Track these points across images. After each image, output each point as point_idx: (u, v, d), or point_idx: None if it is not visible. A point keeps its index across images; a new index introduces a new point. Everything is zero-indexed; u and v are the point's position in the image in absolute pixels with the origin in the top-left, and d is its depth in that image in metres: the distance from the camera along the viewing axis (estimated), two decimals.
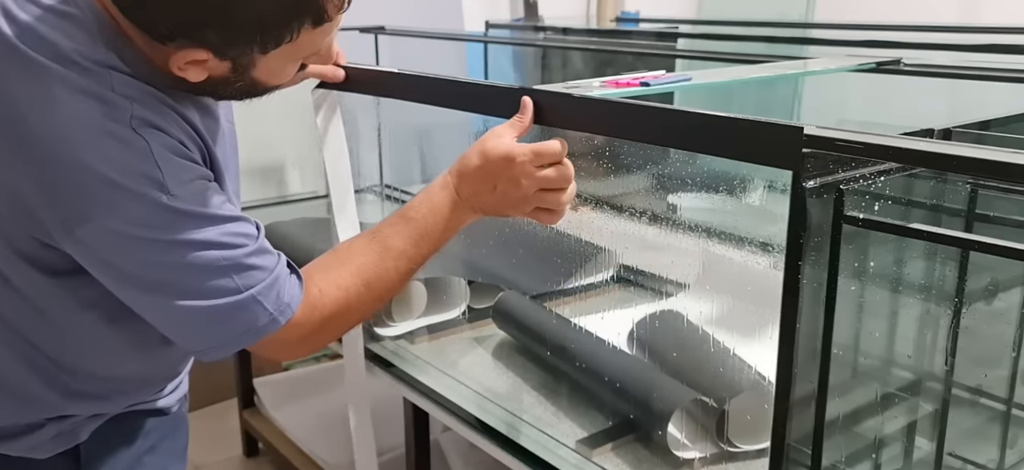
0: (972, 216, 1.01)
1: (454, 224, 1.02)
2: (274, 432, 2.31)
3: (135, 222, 0.83)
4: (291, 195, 2.61)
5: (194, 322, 0.88)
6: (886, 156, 0.81)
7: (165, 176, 0.84)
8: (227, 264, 0.87)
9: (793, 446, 0.90)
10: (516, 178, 0.98)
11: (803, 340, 0.86)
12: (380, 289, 0.99)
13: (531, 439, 1.29)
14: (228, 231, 0.88)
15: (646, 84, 1.13)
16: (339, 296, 0.96)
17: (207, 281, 0.86)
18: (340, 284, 0.97)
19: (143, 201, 0.83)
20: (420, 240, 1.00)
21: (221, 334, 0.89)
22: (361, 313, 1.01)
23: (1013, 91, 1.41)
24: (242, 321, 0.89)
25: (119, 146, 0.82)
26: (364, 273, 0.98)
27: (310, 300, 0.94)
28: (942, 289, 1.03)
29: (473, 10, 3.25)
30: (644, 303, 1.65)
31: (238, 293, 0.87)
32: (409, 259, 1.00)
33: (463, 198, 1.01)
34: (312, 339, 0.96)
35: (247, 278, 0.88)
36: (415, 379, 1.49)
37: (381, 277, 0.99)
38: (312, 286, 0.95)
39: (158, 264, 0.85)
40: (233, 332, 0.89)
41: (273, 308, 0.90)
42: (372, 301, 1.00)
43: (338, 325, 0.99)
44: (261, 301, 0.89)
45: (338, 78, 1.36)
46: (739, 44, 2.49)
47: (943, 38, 1.83)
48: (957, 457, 1.13)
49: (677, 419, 1.21)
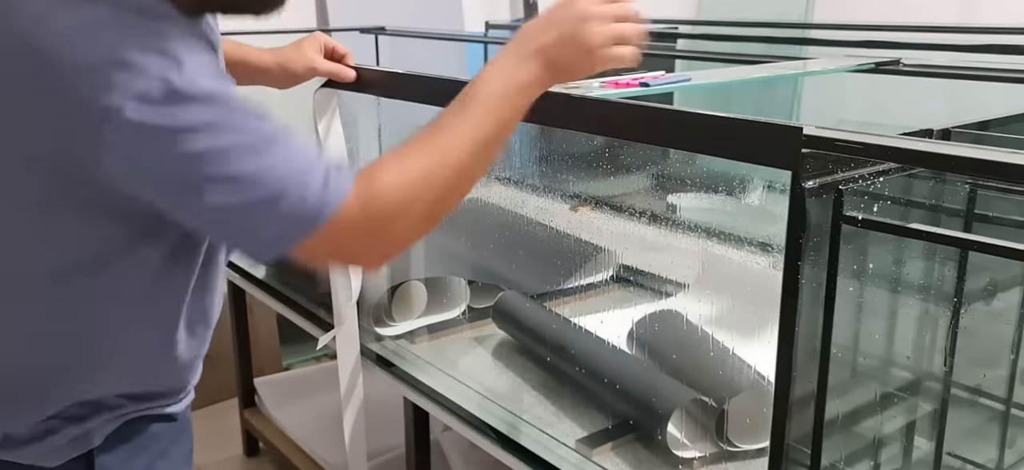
0: (971, 216, 1.02)
1: (522, 80, 0.91)
2: (275, 431, 2.31)
3: (152, 109, 0.76)
4: None
5: (235, 217, 0.80)
6: (885, 156, 0.81)
7: (183, 57, 0.78)
8: (261, 148, 0.79)
9: (792, 445, 0.90)
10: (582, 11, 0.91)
11: (802, 340, 0.86)
12: (455, 164, 0.88)
13: (531, 439, 1.30)
14: (255, 116, 0.81)
15: (645, 84, 1.14)
16: (401, 176, 0.85)
17: (241, 168, 0.78)
18: (402, 165, 0.86)
19: (160, 84, 0.76)
20: (486, 106, 0.89)
21: (269, 227, 0.81)
22: (435, 196, 0.88)
23: (1012, 91, 1.41)
24: (287, 207, 0.79)
25: (130, 33, 0.77)
26: (431, 152, 0.87)
27: (366, 182, 0.84)
28: (941, 289, 1.03)
29: (473, 10, 3.25)
30: (644, 303, 1.65)
31: (277, 177, 0.79)
32: (478, 127, 0.89)
33: (526, 53, 0.91)
34: (377, 229, 0.85)
35: (285, 162, 0.80)
36: (415, 379, 1.49)
37: (452, 150, 0.88)
38: (367, 170, 0.85)
39: (183, 155, 0.77)
40: (281, 223, 0.80)
41: (320, 188, 0.80)
42: (447, 180, 0.88)
43: (408, 212, 0.86)
44: (306, 182, 0.80)
45: (349, 78, 1.38)
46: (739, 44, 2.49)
47: (942, 38, 1.83)
48: (956, 457, 1.13)
49: (677, 419, 1.21)
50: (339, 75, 1.37)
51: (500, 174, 1.91)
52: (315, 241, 0.82)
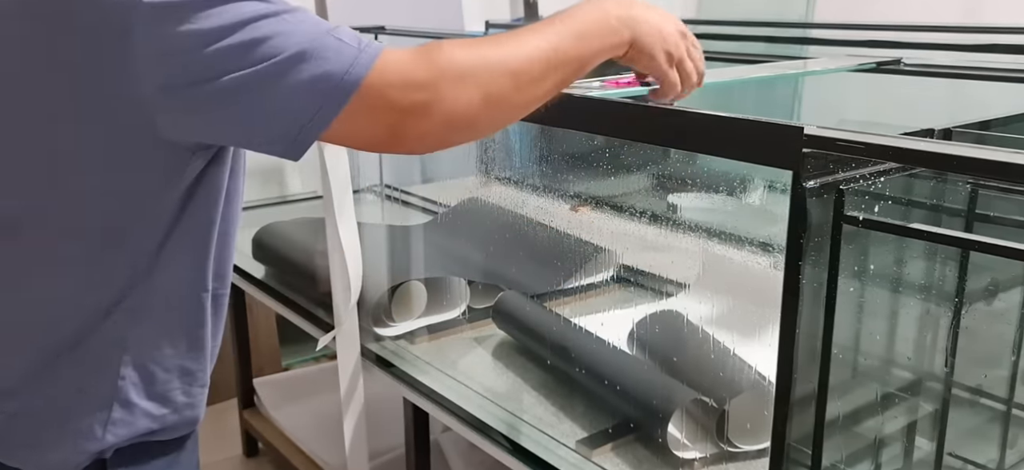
0: (972, 216, 1.01)
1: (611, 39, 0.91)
2: (274, 432, 2.30)
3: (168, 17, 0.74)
4: (291, 195, 2.61)
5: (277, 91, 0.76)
6: (886, 156, 0.81)
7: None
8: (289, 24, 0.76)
9: (793, 446, 0.90)
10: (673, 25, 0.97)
11: (803, 340, 0.86)
12: (524, 62, 0.84)
13: (531, 439, 1.29)
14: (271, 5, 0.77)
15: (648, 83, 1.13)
16: (464, 47, 0.81)
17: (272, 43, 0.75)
18: (467, 45, 0.82)
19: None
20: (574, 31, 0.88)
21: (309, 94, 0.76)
22: (496, 82, 0.82)
23: (1013, 91, 1.41)
24: (324, 63, 0.75)
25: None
26: (501, 45, 0.83)
27: (422, 51, 0.79)
28: (942, 289, 1.03)
29: (473, 10, 3.25)
30: (644, 303, 1.65)
31: (308, 41, 0.76)
32: (559, 42, 0.86)
33: (627, 15, 0.92)
34: (429, 91, 0.79)
35: (315, 29, 0.77)
36: (415, 379, 1.49)
37: (523, 51, 0.84)
38: (427, 45, 0.81)
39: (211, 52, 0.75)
40: (321, 82, 0.76)
41: (355, 43, 0.77)
42: (513, 74, 0.83)
43: (466, 86, 0.80)
44: (340, 37, 0.77)
45: None
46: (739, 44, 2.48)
47: (943, 38, 1.83)
48: (957, 457, 1.13)
49: (677, 419, 1.21)
50: None
51: (500, 174, 1.91)
52: (357, 105, 0.77)
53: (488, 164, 1.89)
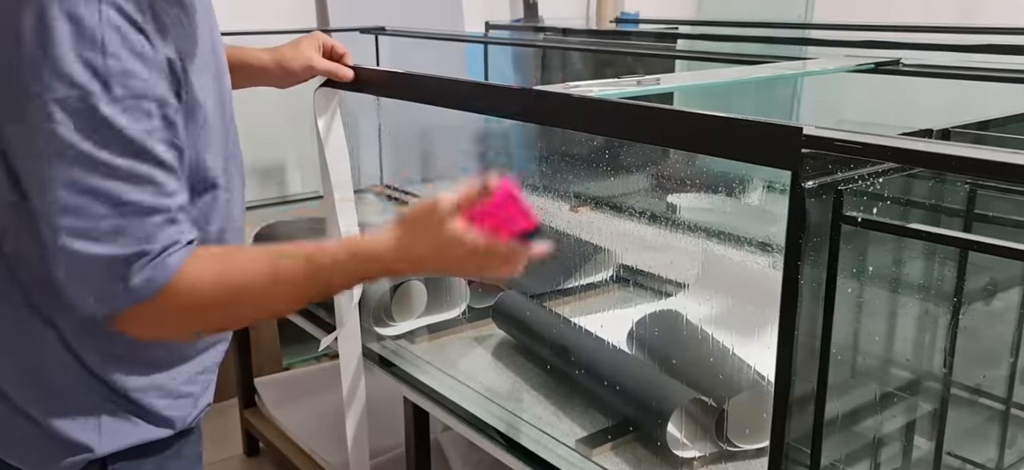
0: (971, 216, 1.02)
1: (361, 278, 0.99)
2: (275, 431, 2.31)
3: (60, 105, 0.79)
4: (291, 195, 2.62)
5: (62, 256, 0.82)
6: (885, 156, 0.81)
7: (110, 73, 0.79)
8: (118, 202, 0.81)
9: (792, 445, 0.90)
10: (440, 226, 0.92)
11: (802, 340, 0.86)
12: (248, 313, 0.99)
13: (531, 438, 1.30)
14: (135, 172, 0.82)
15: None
16: (205, 296, 0.88)
17: (94, 216, 0.81)
18: (213, 285, 0.88)
19: (80, 94, 0.79)
20: (311, 286, 0.92)
21: (84, 286, 0.84)
22: (219, 323, 0.98)
23: (1012, 91, 1.41)
24: (104, 284, 0.83)
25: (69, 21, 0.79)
26: (242, 289, 0.90)
27: (175, 288, 0.86)
28: (941, 289, 1.03)
29: (473, 11, 3.25)
30: (644, 303, 1.65)
31: (112, 243, 0.82)
32: (291, 301, 0.94)
33: (386, 260, 0.93)
34: (157, 328, 0.90)
35: (132, 234, 0.82)
36: (415, 378, 1.49)
37: (257, 303, 0.93)
38: (186, 274, 0.86)
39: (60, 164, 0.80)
40: (92, 291, 0.84)
41: (139, 283, 0.83)
42: (234, 319, 1.00)
43: (187, 323, 0.92)
44: (130, 265, 0.83)
45: (347, 77, 1.37)
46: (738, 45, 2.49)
47: (942, 39, 1.83)
48: (956, 456, 1.13)
49: (676, 418, 1.21)
50: (337, 74, 1.37)
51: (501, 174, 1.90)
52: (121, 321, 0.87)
53: (488, 164, 1.89)
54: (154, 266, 0.84)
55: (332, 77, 1.38)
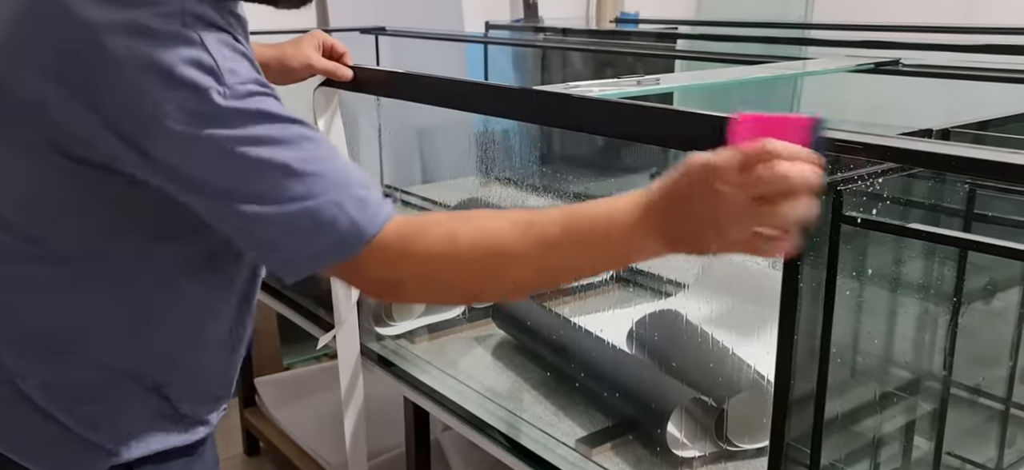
0: (970, 216, 1.02)
1: (631, 249, 0.79)
2: (275, 431, 2.31)
3: (193, 118, 0.77)
4: None
5: (268, 231, 0.80)
6: (885, 156, 0.82)
7: (222, 70, 0.78)
8: (298, 167, 0.79)
9: (792, 445, 0.90)
10: (716, 190, 0.70)
11: (802, 340, 0.86)
12: (505, 270, 0.81)
13: (531, 438, 1.30)
14: (295, 133, 0.80)
15: None
16: (447, 244, 0.80)
17: (277, 184, 0.78)
18: (456, 233, 0.80)
19: (199, 95, 0.77)
20: (578, 246, 0.79)
21: (300, 246, 0.80)
22: (471, 281, 0.83)
23: (1012, 91, 1.41)
24: (321, 231, 0.79)
25: (170, 42, 0.77)
26: (491, 241, 0.80)
27: (408, 228, 0.81)
28: (940, 289, 1.03)
29: (473, 11, 3.25)
30: (644, 303, 1.65)
31: (312, 198, 0.79)
32: (555, 259, 0.80)
33: (652, 221, 0.76)
34: (400, 276, 0.82)
35: (321, 181, 0.79)
36: (415, 378, 1.50)
37: (512, 257, 0.79)
38: (417, 218, 0.82)
39: (221, 165, 0.78)
40: (313, 245, 0.80)
41: (356, 216, 0.79)
42: (489, 275, 0.82)
43: (436, 276, 0.82)
44: (342, 207, 0.79)
45: (346, 77, 1.38)
46: (738, 45, 2.49)
47: (942, 39, 1.84)
48: (956, 456, 1.14)
49: (676, 418, 1.22)
50: (336, 73, 1.37)
51: (500, 174, 1.91)
52: (339, 270, 0.83)
53: (488, 164, 1.89)
54: (373, 201, 0.81)
55: (331, 76, 1.38)
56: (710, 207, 0.71)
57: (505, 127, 1.93)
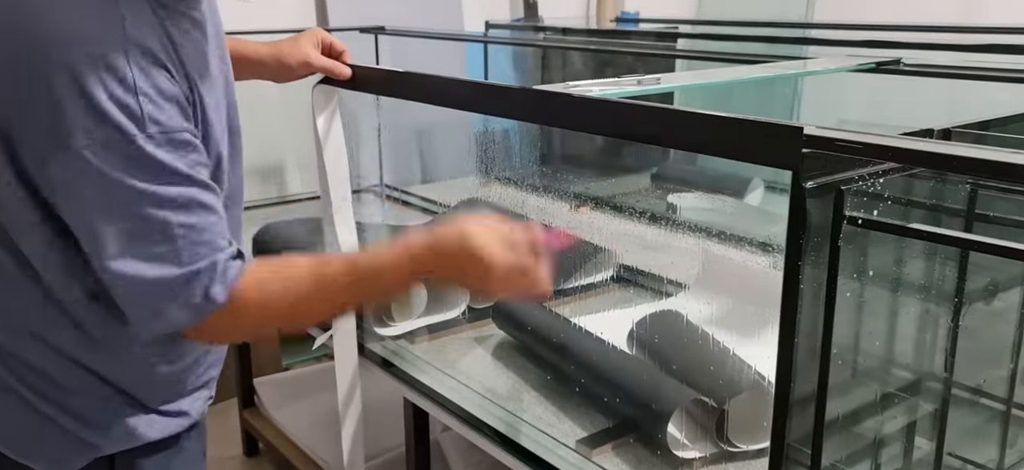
0: (972, 216, 1.02)
1: (398, 290, 1.10)
2: (274, 432, 2.31)
3: (102, 151, 0.82)
4: (291, 195, 2.61)
5: (125, 290, 0.87)
6: (886, 156, 0.81)
7: (145, 117, 0.83)
8: (177, 233, 0.86)
9: (793, 446, 0.90)
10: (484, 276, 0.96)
11: (803, 340, 0.86)
12: (301, 318, 1.04)
13: (531, 439, 1.29)
14: (189, 196, 0.86)
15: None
16: (262, 307, 0.93)
17: (149, 246, 0.85)
18: (269, 294, 0.94)
19: (117, 135, 0.82)
20: (357, 294, 1.00)
21: (149, 311, 0.88)
22: (274, 326, 1.14)
23: (1013, 91, 1.41)
24: (180, 298, 0.87)
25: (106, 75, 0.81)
26: (294, 297, 0.95)
27: (239, 299, 0.91)
28: (942, 289, 1.03)
29: (473, 10, 3.25)
30: (644, 303, 1.65)
31: (179, 266, 0.86)
32: (338, 306, 1.06)
33: (420, 270, 0.98)
34: (224, 335, 1.00)
35: (193, 251, 0.87)
36: (415, 379, 1.49)
37: (307, 309, 0.98)
38: (245, 284, 0.92)
39: (106, 208, 0.84)
40: (167, 309, 0.88)
41: (209, 289, 0.88)
42: (288, 322, 1.07)
43: (248, 330, 1.07)
44: (201, 279, 0.87)
45: (344, 75, 1.37)
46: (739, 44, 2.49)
47: (943, 38, 1.83)
48: (957, 457, 1.13)
49: (677, 419, 1.21)
50: (334, 71, 1.37)
51: (500, 174, 1.90)
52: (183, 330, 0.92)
53: (488, 164, 1.89)
54: (214, 281, 0.88)
55: (329, 74, 1.37)
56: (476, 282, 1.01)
57: (505, 127, 1.93)
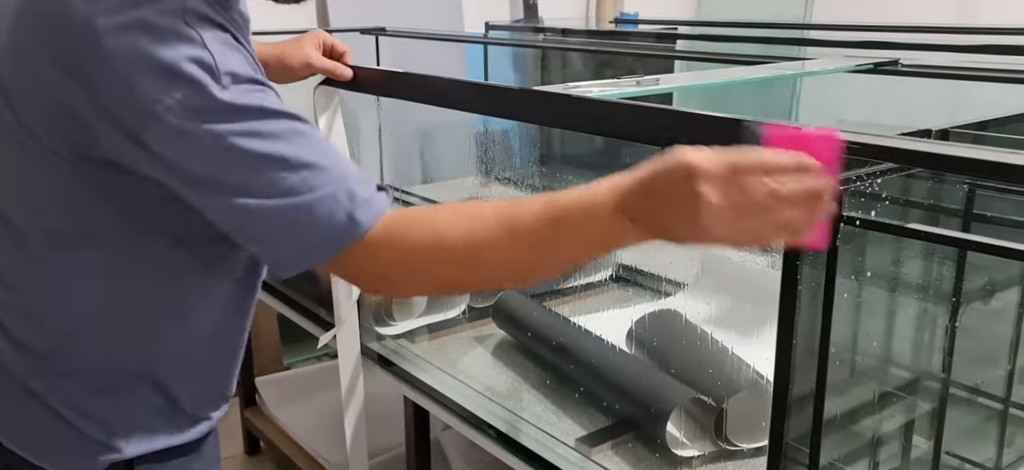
0: (969, 216, 1.02)
1: (609, 240, 0.77)
2: (275, 431, 2.31)
3: (191, 113, 0.78)
4: None
5: (262, 226, 0.81)
6: (884, 156, 0.82)
7: (219, 67, 0.79)
8: (294, 161, 0.80)
9: (791, 445, 0.90)
10: (696, 191, 0.68)
11: (801, 339, 0.86)
12: (487, 263, 0.82)
13: (531, 438, 1.30)
14: (291, 128, 0.81)
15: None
16: (433, 240, 0.82)
17: (273, 179, 0.79)
18: (442, 228, 0.82)
19: (198, 90, 0.78)
20: (556, 240, 0.79)
21: (295, 241, 0.82)
22: (456, 273, 0.85)
23: (1010, 91, 1.41)
24: (316, 226, 0.80)
25: (171, 39, 0.78)
26: (474, 237, 0.81)
27: (397, 225, 0.82)
28: (939, 289, 1.03)
29: (473, 11, 3.26)
30: (643, 303, 1.65)
31: (308, 192, 0.80)
32: (534, 255, 0.81)
33: (628, 213, 0.75)
34: (387, 270, 0.84)
35: (316, 176, 0.80)
36: (415, 378, 1.50)
37: (494, 251, 0.81)
38: (409, 212, 0.85)
39: (218, 159, 0.79)
40: (308, 239, 0.81)
41: (351, 211, 0.80)
42: (472, 269, 0.84)
43: (422, 270, 0.84)
44: (338, 201, 0.80)
45: (345, 76, 1.38)
46: (738, 45, 2.49)
47: (941, 39, 1.84)
48: (955, 456, 1.14)
49: (676, 418, 1.22)
50: (335, 72, 1.37)
51: (500, 174, 1.91)
52: (334, 264, 0.83)
53: (488, 164, 1.89)
54: (367, 195, 0.82)
55: (330, 75, 1.38)
56: (689, 207, 0.70)
57: (505, 127, 1.94)
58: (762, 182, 0.68)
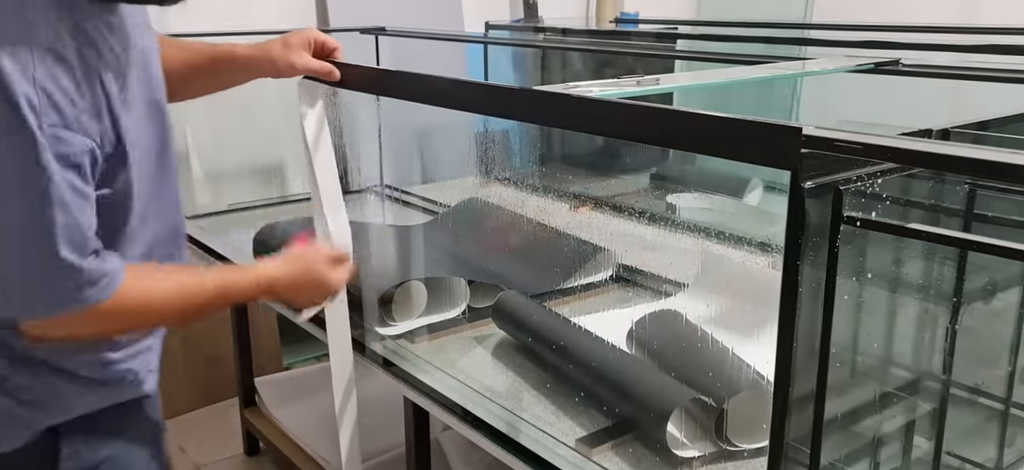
0: (970, 216, 1.02)
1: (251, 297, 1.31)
2: (275, 431, 2.31)
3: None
4: (291, 195, 2.61)
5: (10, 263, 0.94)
6: (885, 156, 0.82)
7: (40, 109, 0.89)
8: (64, 221, 0.92)
9: (792, 445, 0.90)
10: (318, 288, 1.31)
11: (802, 339, 0.86)
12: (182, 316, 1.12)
13: (531, 438, 1.30)
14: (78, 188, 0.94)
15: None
16: (144, 303, 1.05)
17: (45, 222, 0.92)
18: (153, 292, 1.06)
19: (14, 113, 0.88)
20: (211, 309, 1.14)
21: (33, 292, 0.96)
22: (156, 325, 1.16)
23: (1011, 91, 1.41)
24: (55, 286, 0.95)
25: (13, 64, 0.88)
26: (180, 297, 1.09)
27: (123, 294, 1.00)
28: (940, 289, 1.03)
29: (473, 11, 3.26)
30: (643, 303, 1.65)
31: (62, 254, 0.93)
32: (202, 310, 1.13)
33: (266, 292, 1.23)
34: (106, 327, 1.05)
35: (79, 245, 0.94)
36: (415, 378, 1.50)
37: (188, 309, 1.10)
38: (131, 281, 1.02)
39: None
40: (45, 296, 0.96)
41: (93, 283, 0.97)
42: (171, 321, 1.18)
43: (130, 325, 1.09)
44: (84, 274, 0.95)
45: (333, 78, 1.36)
46: (738, 45, 2.49)
47: (941, 39, 1.84)
48: (955, 456, 1.14)
49: (676, 418, 1.22)
50: (321, 73, 1.36)
51: (500, 174, 1.91)
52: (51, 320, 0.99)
53: (488, 164, 1.89)
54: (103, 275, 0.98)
55: (316, 76, 1.37)
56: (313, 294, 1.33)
57: (505, 127, 1.94)
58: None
